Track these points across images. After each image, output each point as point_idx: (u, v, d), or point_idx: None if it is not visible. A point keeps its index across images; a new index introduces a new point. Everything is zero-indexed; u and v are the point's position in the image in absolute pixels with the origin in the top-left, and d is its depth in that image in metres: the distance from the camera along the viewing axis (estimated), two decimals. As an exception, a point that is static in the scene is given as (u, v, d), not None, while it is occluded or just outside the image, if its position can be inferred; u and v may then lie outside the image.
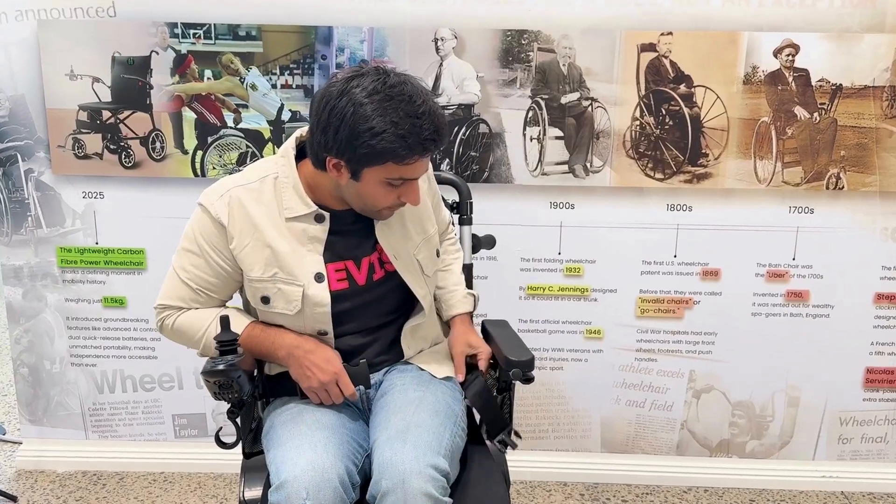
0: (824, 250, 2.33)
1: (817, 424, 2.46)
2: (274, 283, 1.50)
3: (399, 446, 1.38)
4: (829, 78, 2.20)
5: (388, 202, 1.46)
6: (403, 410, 1.48)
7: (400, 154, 1.35)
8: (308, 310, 1.51)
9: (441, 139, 1.40)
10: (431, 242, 1.64)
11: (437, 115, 1.38)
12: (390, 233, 1.57)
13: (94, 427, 2.50)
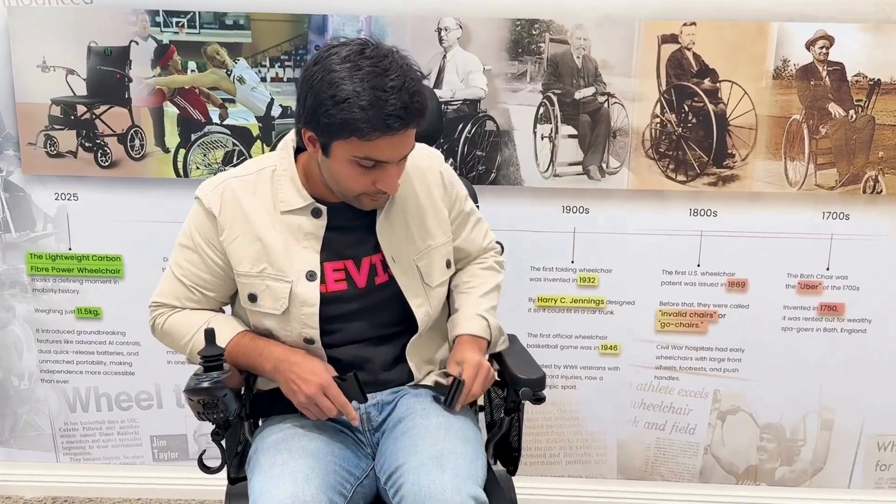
0: (861, 260, 2.29)
1: (853, 450, 2.42)
2: (262, 279, 1.50)
3: (437, 473, 1.35)
4: (867, 72, 2.17)
5: (361, 186, 1.42)
6: (432, 436, 1.45)
7: (360, 128, 1.31)
8: (295, 310, 1.49)
9: (408, 119, 1.33)
10: (439, 252, 1.61)
11: (409, 92, 1.33)
12: (391, 232, 1.55)
13: (66, 449, 2.45)
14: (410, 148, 1.42)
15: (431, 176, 1.62)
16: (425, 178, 1.60)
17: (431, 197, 1.60)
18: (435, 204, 1.60)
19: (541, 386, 1.54)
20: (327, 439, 1.50)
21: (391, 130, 1.32)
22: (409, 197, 1.57)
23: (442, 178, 1.62)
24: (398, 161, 1.41)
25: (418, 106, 1.35)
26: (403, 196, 1.56)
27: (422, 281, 1.58)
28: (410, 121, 1.34)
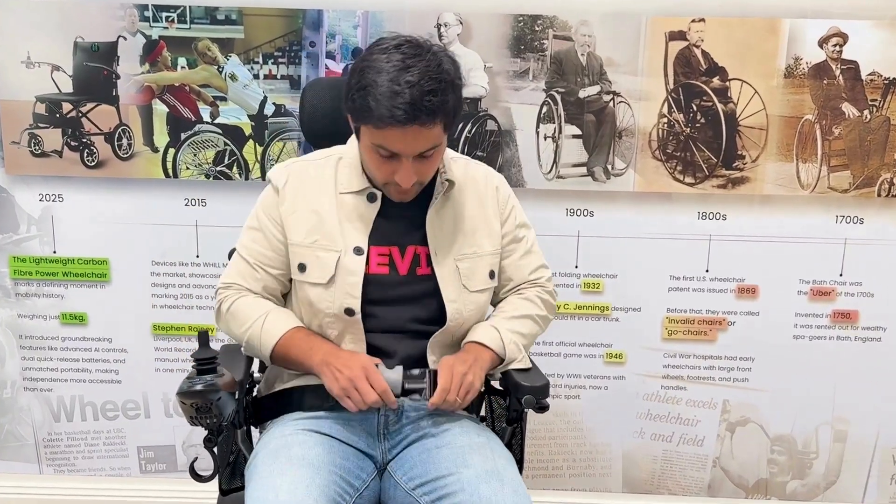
0: (876, 265, 2.29)
1: (867, 463, 2.41)
2: (313, 249, 1.59)
3: (497, 486, 1.40)
4: (882, 71, 2.17)
5: (382, 175, 1.52)
6: (480, 453, 1.49)
7: (371, 115, 1.42)
8: (340, 279, 1.57)
9: (413, 115, 1.41)
10: (484, 260, 1.66)
11: (422, 90, 1.41)
12: (440, 227, 1.63)
13: (50, 460, 2.44)
14: (429, 147, 1.48)
15: (486, 190, 1.70)
16: (479, 190, 1.69)
17: (484, 209, 1.68)
18: (487, 216, 1.67)
19: (544, 394, 1.54)
20: (329, 448, 1.51)
21: (396, 122, 1.40)
22: (464, 204, 1.66)
23: (497, 192, 1.70)
24: (414, 157, 1.48)
25: (429, 104, 1.41)
26: (460, 202, 1.66)
27: (460, 281, 1.62)
28: (417, 117, 1.41)
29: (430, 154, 1.50)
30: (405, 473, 1.53)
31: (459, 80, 1.52)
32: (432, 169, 1.56)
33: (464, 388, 1.49)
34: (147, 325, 2.35)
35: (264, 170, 2.22)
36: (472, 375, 1.50)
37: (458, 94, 1.52)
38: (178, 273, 2.31)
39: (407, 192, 1.55)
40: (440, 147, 1.53)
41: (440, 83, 1.43)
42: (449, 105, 1.47)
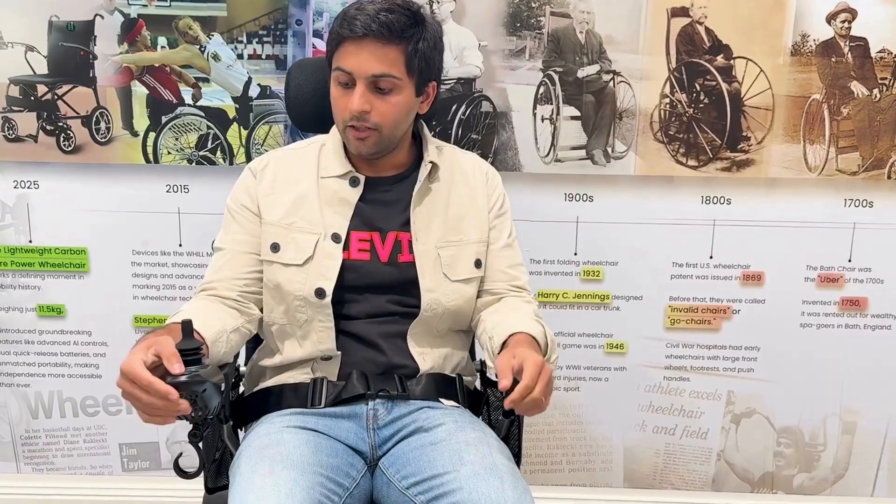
0: (885, 251, 2.30)
1: (877, 455, 2.43)
2: (290, 231, 1.61)
3: (496, 483, 1.39)
4: (892, 48, 2.17)
5: (341, 109, 1.56)
6: (477, 449, 1.48)
7: (334, 31, 1.54)
8: (316, 261, 1.59)
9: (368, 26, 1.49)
10: (468, 248, 1.67)
11: (379, 8, 1.51)
12: (423, 212, 1.65)
13: (27, 458, 2.45)
14: (384, 72, 1.52)
15: (474, 177, 1.73)
16: (468, 178, 1.72)
17: (473, 196, 1.70)
18: (476, 203, 1.69)
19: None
20: (315, 447, 1.50)
21: (352, 34, 1.49)
22: (451, 191, 1.68)
23: (487, 178, 1.74)
24: (365, 79, 1.52)
25: (384, 20, 1.49)
26: (446, 189, 1.68)
27: (440, 269, 1.63)
28: (370, 28, 1.49)
29: (388, 89, 1.54)
30: (398, 471, 1.52)
31: (433, 30, 1.57)
32: (390, 111, 1.56)
33: (551, 386, 1.41)
34: (128, 317, 2.35)
35: (249, 154, 2.23)
36: (548, 369, 1.40)
37: (430, 37, 1.57)
38: (160, 263, 2.32)
39: (364, 136, 1.56)
40: (400, 89, 1.55)
41: (406, 11, 1.52)
42: (410, 37, 1.53)
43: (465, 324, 1.71)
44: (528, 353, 1.40)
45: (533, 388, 1.34)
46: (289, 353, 1.65)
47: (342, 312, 1.61)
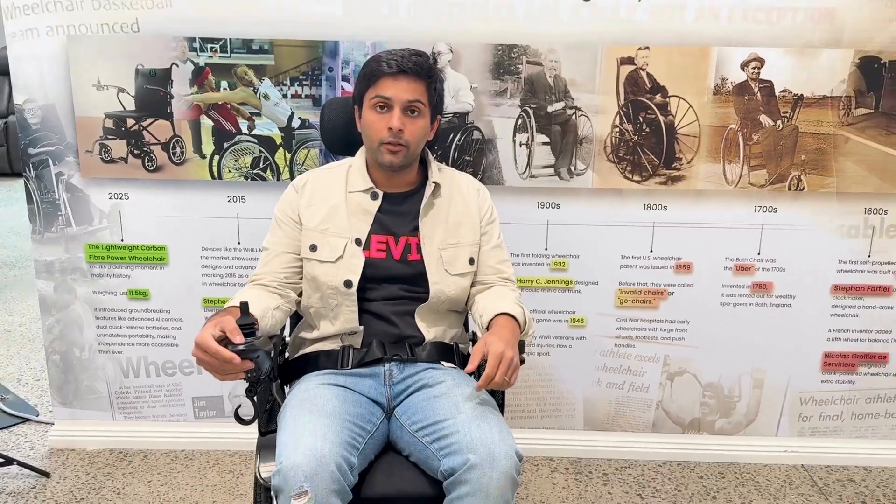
0: (786, 246, 2.29)
1: (780, 404, 2.43)
2: (324, 235, 1.62)
3: (485, 427, 1.39)
4: (792, 88, 2.16)
5: (378, 130, 1.56)
6: (470, 401, 1.48)
7: (371, 73, 1.56)
8: (346, 259, 1.60)
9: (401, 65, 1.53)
10: (464, 249, 1.67)
11: (406, 53, 1.56)
12: (429, 221, 1.65)
13: (120, 409, 2.43)
14: (415, 99, 1.56)
15: (470, 195, 1.71)
16: (463, 194, 1.71)
17: (468, 208, 1.69)
18: (469, 213, 1.69)
19: (521, 350, 1.52)
20: (343, 399, 1.52)
21: (389, 70, 1.53)
22: (450, 204, 1.68)
23: (479, 195, 1.73)
24: (401, 104, 1.54)
25: (415, 60, 1.55)
26: (446, 203, 1.68)
27: (443, 266, 1.63)
28: (405, 66, 1.53)
29: (415, 115, 1.57)
30: (409, 418, 1.52)
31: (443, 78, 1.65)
32: (417, 131, 1.58)
33: (512, 369, 1.40)
34: (198, 299, 2.33)
35: (292, 172, 2.21)
36: (511, 352, 1.41)
37: (440, 84, 1.63)
38: (223, 257, 2.30)
39: (397, 151, 1.57)
40: (423, 113, 1.58)
41: (425, 58, 1.59)
42: (433, 75, 1.60)
43: (460, 306, 1.71)
44: (495, 342, 1.42)
45: (493, 375, 1.38)
46: (323, 328, 1.65)
47: (364, 297, 1.62)
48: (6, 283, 3.94)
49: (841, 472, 2.39)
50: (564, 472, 2.36)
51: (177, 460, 2.36)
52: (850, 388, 2.39)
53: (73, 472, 2.29)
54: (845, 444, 2.43)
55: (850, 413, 2.41)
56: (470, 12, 2.07)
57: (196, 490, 2.22)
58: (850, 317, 2.34)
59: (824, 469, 2.41)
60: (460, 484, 1.35)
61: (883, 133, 2.17)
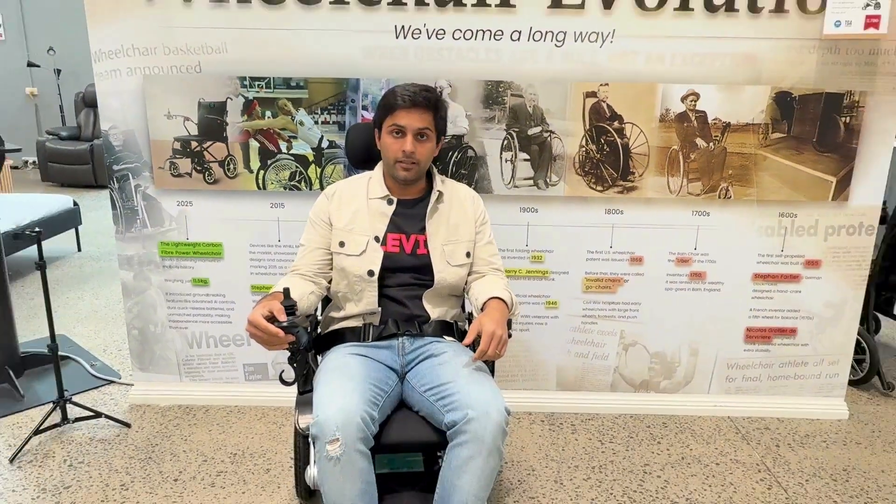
0: (717, 243, 2.30)
1: (711, 368, 2.44)
2: (350, 232, 1.62)
3: (479, 388, 1.41)
4: (721, 117, 2.17)
5: (394, 151, 1.56)
6: (468, 367, 1.49)
7: (389, 104, 1.55)
8: (368, 254, 1.60)
9: (413, 99, 1.53)
10: (461, 245, 1.67)
11: (418, 88, 1.55)
12: (434, 222, 1.65)
13: (186, 373, 2.44)
14: (424, 126, 1.55)
15: (467, 202, 1.72)
16: (463, 203, 1.71)
17: (465, 214, 1.69)
18: (466, 217, 1.69)
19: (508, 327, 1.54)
20: (365, 366, 1.53)
21: (402, 103, 1.53)
22: (450, 210, 1.68)
23: (474, 202, 1.73)
24: (413, 132, 1.54)
25: (425, 95, 1.54)
26: (447, 208, 1.67)
27: (445, 258, 1.63)
28: (416, 101, 1.53)
29: (424, 139, 1.56)
30: (418, 381, 1.54)
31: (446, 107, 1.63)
32: (425, 152, 1.58)
33: (501, 344, 1.43)
34: (247, 286, 2.34)
35: (322, 184, 2.22)
36: (500, 330, 1.43)
37: (445, 111, 1.62)
38: (267, 252, 2.31)
39: (409, 168, 1.57)
40: (431, 137, 1.58)
41: (432, 93, 1.57)
42: (439, 106, 1.58)
43: (459, 291, 1.72)
44: (487, 323, 1.44)
45: (486, 350, 1.41)
46: (349, 309, 1.66)
47: (382, 284, 1.62)
48: (93, 273, 3.95)
49: (759, 422, 2.41)
50: (541, 423, 2.37)
51: (231, 414, 2.38)
52: (766, 355, 2.40)
53: (148, 423, 2.31)
54: (762, 400, 2.45)
55: (766, 375, 2.43)
56: (465, 55, 2.09)
57: (246, 437, 2.24)
58: (766, 299, 2.34)
59: (746, 420, 2.42)
60: (461, 433, 1.37)
61: (794, 153, 2.19)
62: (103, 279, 3.82)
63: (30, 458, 2.10)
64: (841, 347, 2.38)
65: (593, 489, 2.01)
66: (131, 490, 1.95)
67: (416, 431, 1.48)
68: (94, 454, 2.13)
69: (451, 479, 1.39)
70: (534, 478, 2.06)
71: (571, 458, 2.16)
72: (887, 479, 2.10)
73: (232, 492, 1.95)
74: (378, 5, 2.05)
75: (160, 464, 2.08)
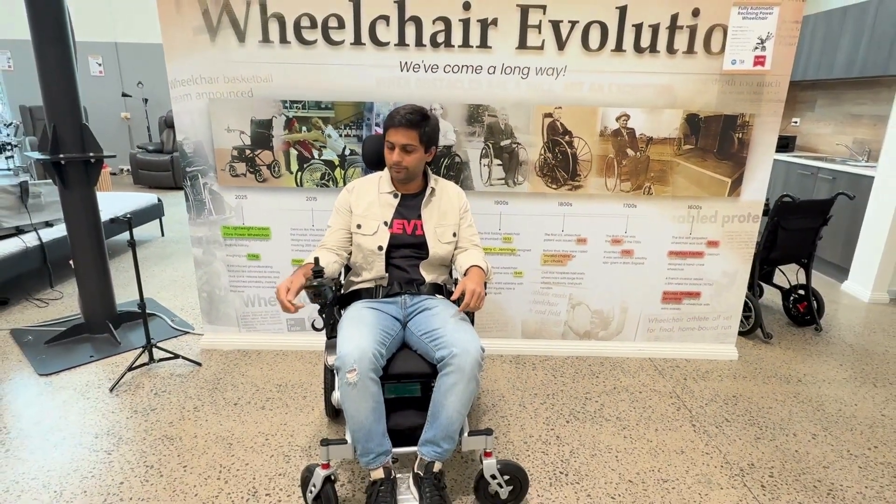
0: (642, 227, 2.29)
1: (636, 322, 2.44)
2: (366, 219, 1.60)
3: (462, 332, 1.41)
4: (646, 133, 2.16)
5: (389, 159, 1.54)
6: (456, 318, 1.49)
7: (386, 124, 1.53)
8: (379, 234, 1.58)
9: (400, 121, 1.48)
10: (449, 228, 1.64)
11: (406, 111, 1.49)
12: (427, 211, 1.63)
13: (244, 325, 2.43)
14: (408, 142, 1.51)
15: (454, 195, 1.69)
16: (450, 196, 1.68)
17: (452, 205, 1.67)
18: (453, 207, 1.66)
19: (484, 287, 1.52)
20: (376, 316, 1.52)
21: (392, 124, 1.51)
22: (440, 201, 1.66)
23: (459, 195, 1.70)
24: (400, 146, 1.51)
25: (410, 118, 1.50)
26: (438, 200, 1.65)
27: (437, 238, 1.62)
28: (402, 123, 1.49)
29: (410, 150, 1.52)
30: (416, 328, 1.53)
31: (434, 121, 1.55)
32: (412, 161, 1.54)
33: (480, 299, 1.43)
34: (289, 260, 2.33)
35: (345, 182, 2.20)
36: (480, 289, 1.43)
37: (431, 125, 1.54)
38: (303, 234, 2.29)
39: (400, 171, 1.55)
40: (417, 150, 1.53)
41: (417, 114, 1.51)
42: (422, 126, 1.51)
43: (447, 262, 1.70)
44: (469, 283, 1.44)
45: (469, 303, 1.41)
46: (364, 276, 1.65)
47: (390, 255, 1.60)
48: (173, 253, 3.93)
49: (671, 361, 2.42)
50: (509, 363, 2.37)
51: (277, 356, 2.37)
52: (677, 312, 2.41)
53: (215, 363, 2.31)
54: (674, 346, 2.46)
55: (677, 327, 2.44)
56: (453, 84, 2.07)
57: (289, 373, 2.24)
58: (678, 270, 2.35)
59: (662, 360, 2.44)
60: (447, 366, 1.38)
61: (700, 160, 2.19)
62: (181, 257, 3.80)
63: (125, 389, 2.10)
64: (733, 307, 2.40)
65: (548, 410, 2.02)
66: (202, 412, 1.96)
67: (415, 365, 1.49)
68: (173, 385, 2.13)
69: (440, 400, 1.40)
70: (503, 402, 2.07)
71: (532, 388, 2.17)
72: (765, 403, 2.13)
73: (278, 412, 1.95)
74: (387, 46, 2.02)
75: (223, 392, 2.08)
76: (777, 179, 4.11)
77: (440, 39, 2.02)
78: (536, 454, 1.76)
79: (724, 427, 1.95)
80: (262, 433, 1.83)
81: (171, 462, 1.68)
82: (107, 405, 1.99)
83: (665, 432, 1.90)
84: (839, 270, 3.55)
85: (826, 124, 4.32)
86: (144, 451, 1.73)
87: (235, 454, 1.72)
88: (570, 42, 2.03)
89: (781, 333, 2.73)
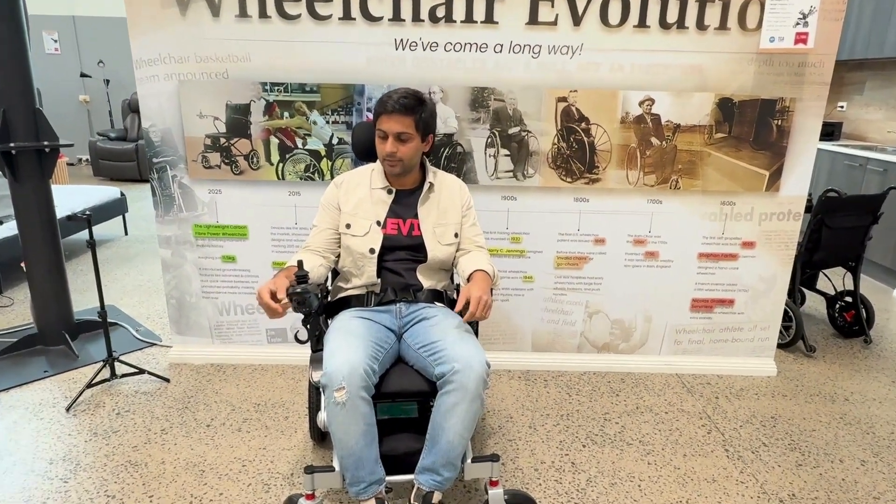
0: (668, 226, 2.30)
1: (662, 333, 2.45)
2: (356, 217, 1.60)
3: (464, 345, 1.41)
4: (672, 119, 2.16)
5: (381, 151, 1.54)
6: (456, 328, 1.49)
7: (377, 110, 1.52)
8: (371, 235, 1.58)
9: (393, 106, 1.47)
10: (450, 227, 1.64)
11: (399, 95, 1.49)
12: (425, 209, 1.62)
13: (217, 336, 2.44)
14: (402, 130, 1.51)
15: (455, 190, 1.69)
16: (450, 189, 1.68)
17: (453, 200, 1.67)
18: (454, 203, 1.66)
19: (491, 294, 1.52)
20: (368, 327, 1.53)
21: (384, 110, 1.49)
22: (440, 197, 1.66)
23: (461, 190, 1.70)
24: (393, 135, 1.50)
25: (403, 102, 1.49)
26: (437, 196, 1.65)
27: (436, 239, 1.62)
28: (395, 108, 1.48)
29: (404, 139, 1.51)
30: (413, 340, 1.53)
31: (431, 106, 1.55)
32: (407, 150, 1.53)
33: (487, 307, 1.41)
34: (269, 262, 2.33)
35: (332, 175, 2.20)
36: (486, 296, 1.42)
37: (429, 111, 1.54)
38: (284, 233, 2.30)
39: (394, 164, 1.55)
40: (412, 139, 1.53)
41: (412, 98, 1.50)
42: (417, 111, 1.51)
43: (448, 266, 1.71)
44: (474, 289, 1.43)
45: (475, 312, 1.40)
46: (354, 281, 1.65)
47: (382, 258, 1.60)
48: (138, 254, 3.93)
49: (701, 378, 2.43)
50: (518, 379, 2.38)
51: (255, 371, 2.38)
52: (708, 322, 2.42)
53: (184, 378, 2.31)
54: (705, 360, 2.46)
55: (708, 339, 2.44)
56: (455, 65, 2.07)
57: (268, 391, 2.24)
58: (709, 274, 2.35)
59: (690, 376, 2.44)
60: (448, 383, 1.38)
61: (733, 150, 2.19)
62: (146, 258, 3.81)
63: (83, 408, 2.10)
64: (771, 315, 2.40)
65: (562, 433, 2.02)
66: (170, 434, 1.96)
67: (411, 382, 1.49)
68: (138, 404, 2.13)
69: (440, 422, 1.39)
70: (511, 424, 2.07)
71: (543, 408, 2.17)
72: (807, 425, 2.13)
73: (256, 435, 1.96)
74: (380, 21, 2.03)
75: (195, 412, 2.09)
76: (821, 172, 4.12)
77: (440, 14, 2.02)
78: (549, 483, 1.76)
79: (762, 452, 1.95)
80: (238, 459, 1.83)
81: (136, 492, 1.68)
82: (63, 427, 1.99)
83: (694, 458, 1.90)
84: (891, 275, 3.55)
85: (876, 109, 4.32)
86: (105, 478, 1.73)
87: (208, 482, 1.72)
88: (587, 17, 2.03)
89: (826, 346, 2.73)
